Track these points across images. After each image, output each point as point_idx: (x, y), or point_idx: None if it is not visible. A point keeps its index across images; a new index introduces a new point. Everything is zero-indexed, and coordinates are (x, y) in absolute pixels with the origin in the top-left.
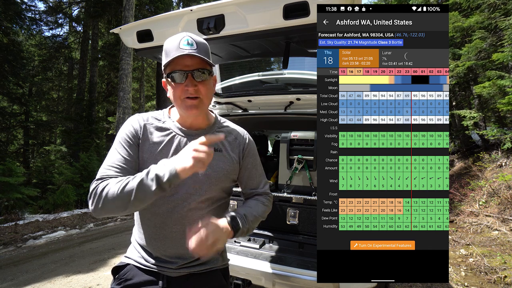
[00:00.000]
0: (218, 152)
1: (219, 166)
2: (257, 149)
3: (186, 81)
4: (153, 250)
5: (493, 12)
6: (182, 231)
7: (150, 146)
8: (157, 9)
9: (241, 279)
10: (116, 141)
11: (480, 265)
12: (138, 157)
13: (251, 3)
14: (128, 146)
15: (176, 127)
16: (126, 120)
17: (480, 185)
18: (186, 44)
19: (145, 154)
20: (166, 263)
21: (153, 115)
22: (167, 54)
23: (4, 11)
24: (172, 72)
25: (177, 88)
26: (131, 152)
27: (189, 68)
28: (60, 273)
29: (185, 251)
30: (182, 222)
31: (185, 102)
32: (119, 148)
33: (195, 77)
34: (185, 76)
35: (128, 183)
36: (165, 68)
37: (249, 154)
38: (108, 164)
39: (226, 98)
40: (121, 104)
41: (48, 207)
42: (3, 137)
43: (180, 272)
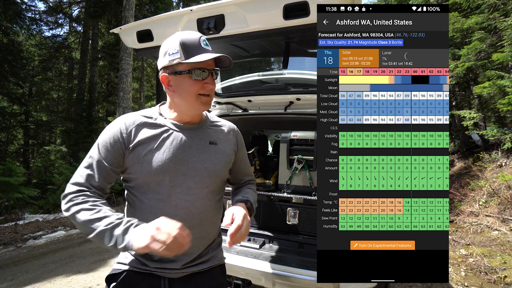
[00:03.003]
0: (214, 145)
1: (216, 158)
2: (257, 149)
3: (207, 78)
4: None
5: (493, 12)
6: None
7: (144, 145)
8: (157, 9)
9: (241, 279)
10: (100, 141)
11: (480, 265)
12: (121, 160)
13: (251, 3)
14: (110, 151)
15: (170, 123)
16: (114, 121)
17: (480, 185)
18: (206, 45)
19: (139, 153)
20: (169, 263)
21: (142, 114)
22: (187, 51)
23: (4, 11)
24: (194, 69)
25: (194, 85)
26: (113, 158)
27: (211, 67)
28: (60, 273)
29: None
30: (185, 217)
31: (200, 98)
32: (100, 151)
33: (213, 76)
34: (206, 74)
35: (94, 220)
36: (180, 64)
37: (242, 146)
38: (87, 166)
39: (226, 98)
40: (121, 104)
41: (48, 207)
42: (3, 137)
43: (183, 272)
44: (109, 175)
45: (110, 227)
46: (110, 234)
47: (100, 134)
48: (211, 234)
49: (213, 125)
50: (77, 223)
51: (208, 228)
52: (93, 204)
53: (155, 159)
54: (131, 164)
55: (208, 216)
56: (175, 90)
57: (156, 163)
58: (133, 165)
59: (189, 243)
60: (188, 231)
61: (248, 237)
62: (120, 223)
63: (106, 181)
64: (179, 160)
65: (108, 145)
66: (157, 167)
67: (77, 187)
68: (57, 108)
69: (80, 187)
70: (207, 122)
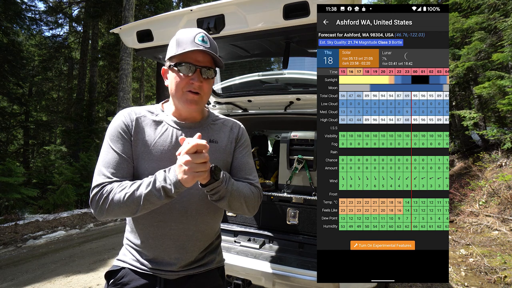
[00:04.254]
0: (214, 143)
1: (215, 157)
2: (257, 149)
3: (193, 75)
4: (150, 251)
5: (493, 12)
6: (182, 228)
7: (144, 139)
8: (157, 9)
9: (241, 279)
10: (109, 136)
11: (480, 265)
12: (132, 152)
13: (251, 3)
14: (121, 143)
15: (170, 120)
16: (117, 114)
17: (480, 185)
18: (201, 41)
19: (139, 148)
20: (165, 265)
21: (146, 109)
22: (179, 44)
23: (4, 11)
24: (181, 63)
25: (181, 80)
26: (125, 148)
27: (199, 64)
28: (60, 273)
29: (185, 250)
30: (181, 218)
31: (186, 95)
32: (113, 145)
33: (202, 74)
34: (193, 70)
35: (134, 192)
36: (172, 57)
37: (242, 144)
38: (105, 164)
39: (226, 98)
40: (121, 104)
41: (48, 207)
42: (3, 137)
43: (178, 274)
44: (128, 166)
45: (151, 187)
46: (156, 192)
47: (107, 130)
48: (208, 236)
49: (215, 123)
50: (119, 210)
51: (205, 229)
52: (120, 185)
53: (153, 156)
54: (134, 158)
55: (205, 218)
56: (169, 84)
57: (153, 160)
58: (135, 160)
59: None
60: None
61: (248, 237)
62: (155, 178)
63: (127, 172)
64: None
65: (118, 138)
66: (154, 164)
67: (99, 187)
68: (57, 108)
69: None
70: (208, 120)
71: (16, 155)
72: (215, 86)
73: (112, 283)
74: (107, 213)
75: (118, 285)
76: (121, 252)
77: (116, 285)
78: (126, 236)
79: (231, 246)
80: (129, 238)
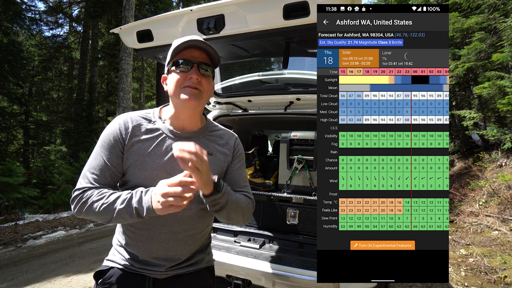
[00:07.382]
0: (209, 155)
1: (210, 169)
2: (257, 149)
3: (191, 70)
4: (139, 253)
5: (493, 12)
6: (171, 233)
7: (138, 148)
8: (157, 9)
9: (241, 279)
10: (101, 141)
11: (480, 265)
12: (121, 161)
13: (251, 3)
14: (111, 151)
15: (166, 128)
16: (113, 120)
17: (480, 185)
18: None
19: (133, 156)
20: (153, 266)
21: (142, 115)
22: (175, 49)
23: (4, 11)
24: (177, 61)
25: (180, 77)
26: (113, 157)
27: (196, 59)
28: (60, 273)
29: (173, 253)
30: (171, 223)
31: (184, 90)
32: (102, 151)
33: (199, 69)
34: (190, 65)
35: (109, 205)
36: (169, 62)
37: (238, 157)
38: (91, 169)
39: (226, 98)
40: (121, 104)
41: (48, 207)
42: (3, 137)
43: (167, 274)
44: (112, 176)
45: (125, 204)
46: (129, 210)
47: (102, 133)
48: (198, 240)
49: (211, 134)
50: (94, 216)
51: (195, 233)
52: (100, 193)
53: (147, 166)
54: (126, 167)
55: (195, 222)
56: (168, 87)
57: (147, 170)
58: (127, 168)
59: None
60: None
61: (248, 237)
62: (131, 196)
63: (110, 181)
64: (171, 169)
65: (108, 145)
66: (148, 173)
67: (81, 190)
68: (57, 108)
69: (84, 188)
70: (205, 131)
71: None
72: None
73: (101, 282)
74: (84, 215)
75: (106, 285)
76: (110, 252)
77: (104, 285)
78: (116, 237)
79: (231, 246)
80: (118, 239)
